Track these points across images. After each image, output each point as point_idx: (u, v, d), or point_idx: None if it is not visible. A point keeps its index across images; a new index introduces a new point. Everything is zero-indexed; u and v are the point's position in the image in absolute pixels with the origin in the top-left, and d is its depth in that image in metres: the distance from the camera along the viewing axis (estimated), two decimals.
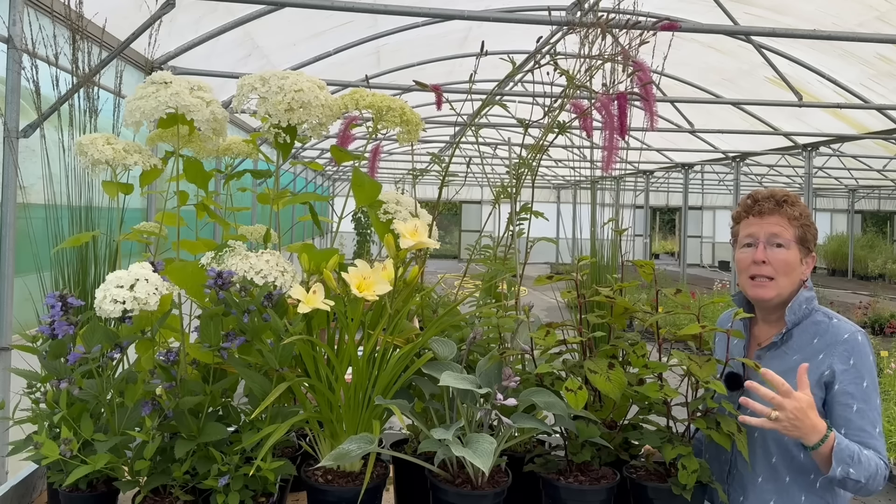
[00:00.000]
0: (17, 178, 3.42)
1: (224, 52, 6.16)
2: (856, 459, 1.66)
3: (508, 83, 2.95)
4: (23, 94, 3.50)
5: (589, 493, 1.63)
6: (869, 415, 1.77)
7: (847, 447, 1.67)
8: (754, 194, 1.96)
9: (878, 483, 1.69)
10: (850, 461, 1.66)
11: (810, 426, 1.63)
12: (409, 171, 2.06)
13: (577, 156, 10.22)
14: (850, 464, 1.65)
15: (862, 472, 1.67)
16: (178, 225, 1.76)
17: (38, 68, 2.78)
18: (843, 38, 5.89)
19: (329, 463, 1.49)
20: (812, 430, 1.64)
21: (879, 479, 1.70)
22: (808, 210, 1.95)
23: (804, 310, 1.90)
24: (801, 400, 1.62)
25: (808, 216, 1.93)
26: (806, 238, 1.91)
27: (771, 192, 1.94)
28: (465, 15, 4.11)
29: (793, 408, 1.61)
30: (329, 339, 1.70)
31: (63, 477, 1.51)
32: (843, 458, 1.65)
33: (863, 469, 1.67)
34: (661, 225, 33.96)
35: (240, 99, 1.69)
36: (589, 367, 1.65)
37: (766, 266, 1.89)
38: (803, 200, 2.02)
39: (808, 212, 1.93)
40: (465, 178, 2.12)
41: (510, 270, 1.92)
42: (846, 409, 1.77)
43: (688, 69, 9.25)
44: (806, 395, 1.63)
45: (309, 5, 4.07)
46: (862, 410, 1.77)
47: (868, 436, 1.75)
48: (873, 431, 1.75)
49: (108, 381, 1.57)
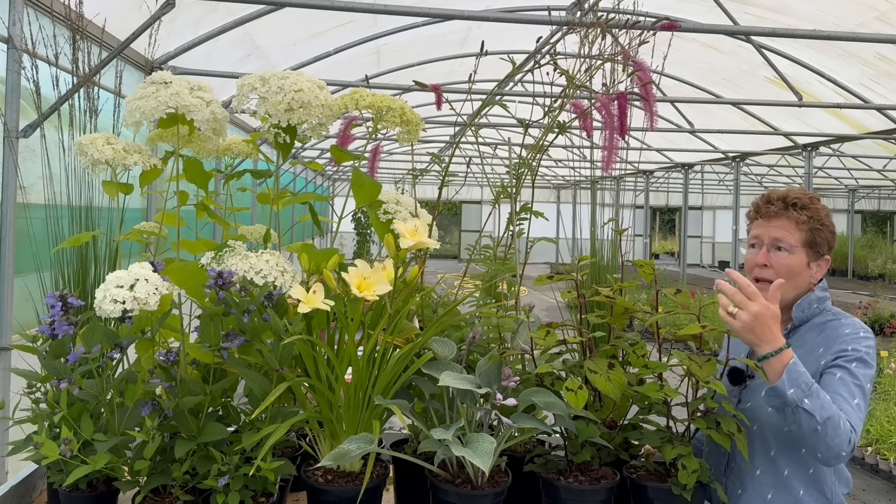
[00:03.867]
0: (17, 178, 3.42)
1: (224, 52, 6.16)
2: (813, 392, 1.60)
3: (508, 83, 2.96)
4: (23, 94, 3.50)
5: (589, 493, 1.63)
6: (850, 386, 1.71)
7: (805, 375, 1.62)
8: (769, 194, 1.93)
9: (841, 440, 1.61)
10: (807, 389, 1.60)
11: (768, 335, 1.61)
12: (409, 171, 2.06)
13: (577, 156, 10.23)
14: (805, 392, 1.59)
15: (818, 407, 1.59)
16: (178, 225, 1.76)
17: (38, 68, 2.78)
18: (843, 38, 5.89)
19: (329, 463, 1.49)
20: (767, 339, 1.61)
21: (842, 434, 1.61)
22: (825, 212, 1.90)
23: (814, 308, 1.89)
24: (768, 308, 1.61)
25: (821, 219, 1.88)
26: (815, 242, 1.87)
27: (784, 193, 1.91)
28: (465, 15, 4.11)
29: (755, 311, 1.60)
30: (329, 339, 1.70)
31: (63, 477, 1.51)
32: (797, 381, 1.60)
33: (819, 406, 1.59)
34: (661, 225, 33.96)
35: (240, 99, 1.69)
36: (589, 367, 1.65)
37: (767, 269, 1.88)
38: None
39: (821, 214, 1.89)
40: (465, 178, 2.12)
41: (510, 270, 1.92)
42: (829, 377, 1.74)
43: (688, 69, 9.26)
44: (776, 308, 1.62)
45: (309, 5, 4.07)
46: (843, 380, 1.72)
47: (842, 399, 1.68)
48: (849, 400, 1.69)
49: (108, 381, 1.57)
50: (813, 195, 1.93)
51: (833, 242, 1.93)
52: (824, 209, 1.91)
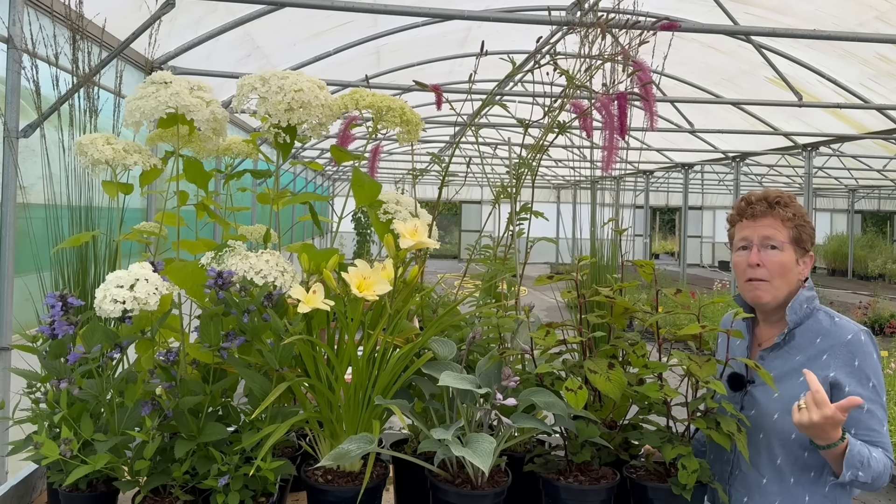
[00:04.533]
0: (17, 178, 3.42)
1: (224, 52, 6.16)
2: (865, 464, 1.70)
3: (508, 83, 2.96)
4: (23, 94, 3.50)
5: (589, 493, 1.63)
6: (877, 414, 1.80)
7: (858, 452, 1.70)
8: (748, 196, 1.96)
9: (884, 481, 1.74)
10: (860, 465, 1.69)
11: (825, 438, 1.67)
12: (409, 171, 2.06)
13: (577, 156, 10.23)
14: (859, 468, 1.69)
15: (870, 474, 1.71)
16: (178, 225, 1.76)
17: (38, 68, 2.79)
18: (843, 38, 5.88)
19: (329, 463, 1.49)
20: (824, 440, 1.67)
21: (885, 477, 1.74)
22: (803, 210, 1.95)
23: (805, 309, 1.89)
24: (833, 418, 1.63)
25: (803, 216, 1.92)
26: (801, 238, 1.90)
27: (764, 193, 1.94)
28: (465, 15, 4.11)
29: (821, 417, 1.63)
30: (329, 339, 1.70)
31: (63, 477, 1.51)
32: (853, 462, 1.69)
33: (871, 471, 1.71)
34: (661, 225, 33.96)
35: (240, 99, 1.69)
36: (589, 367, 1.65)
37: (760, 269, 1.89)
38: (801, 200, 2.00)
39: (802, 211, 1.93)
40: (465, 178, 2.12)
41: (510, 270, 1.92)
42: (856, 410, 1.77)
43: (688, 69, 9.26)
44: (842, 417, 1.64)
45: (309, 5, 4.07)
46: (871, 411, 1.80)
47: (877, 434, 1.79)
48: (881, 430, 1.79)
49: (108, 381, 1.57)
50: (790, 194, 1.96)
51: (814, 239, 1.98)
52: (802, 207, 1.96)
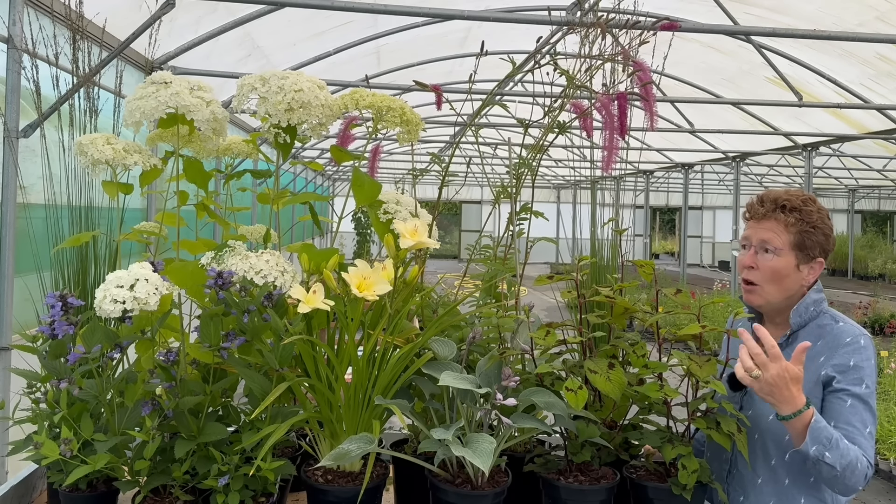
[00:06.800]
0: (17, 178, 3.42)
1: (224, 52, 6.16)
2: (833, 444, 1.62)
3: (508, 83, 2.96)
4: (23, 94, 3.50)
5: (589, 493, 1.63)
6: (862, 414, 1.74)
7: (826, 429, 1.63)
8: (763, 195, 1.92)
9: (857, 479, 1.65)
10: (828, 444, 1.61)
11: (788, 396, 1.60)
12: (409, 171, 2.06)
13: (577, 156, 10.22)
14: (826, 446, 1.61)
15: (838, 458, 1.62)
16: (178, 225, 1.76)
17: (38, 68, 2.79)
18: (843, 38, 5.89)
19: (329, 463, 1.49)
20: (788, 400, 1.60)
21: (858, 474, 1.65)
22: (817, 215, 1.87)
23: (811, 312, 1.87)
24: (788, 370, 1.58)
25: (813, 222, 1.86)
26: (805, 244, 1.85)
27: (777, 195, 1.89)
28: (465, 15, 4.11)
29: (776, 373, 1.57)
30: (329, 339, 1.70)
31: (63, 477, 1.51)
32: (819, 437, 1.61)
33: (839, 455, 1.62)
34: (661, 225, 33.96)
35: (240, 99, 1.69)
36: (589, 367, 1.65)
37: (753, 272, 1.87)
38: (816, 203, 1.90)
39: (814, 217, 1.86)
40: (465, 178, 2.12)
41: (510, 270, 1.92)
42: (840, 403, 1.75)
43: (688, 69, 9.26)
44: (798, 370, 1.60)
45: (309, 5, 4.07)
46: (855, 407, 1.74)
47: (856, 432, 1.71)
48: (862, 430, 1.72)
49: (108, 381, 1.57)
50: (808, 197, 1.90)
51: (828, 245, 1.90)
52: (819, 211, 1.89)
